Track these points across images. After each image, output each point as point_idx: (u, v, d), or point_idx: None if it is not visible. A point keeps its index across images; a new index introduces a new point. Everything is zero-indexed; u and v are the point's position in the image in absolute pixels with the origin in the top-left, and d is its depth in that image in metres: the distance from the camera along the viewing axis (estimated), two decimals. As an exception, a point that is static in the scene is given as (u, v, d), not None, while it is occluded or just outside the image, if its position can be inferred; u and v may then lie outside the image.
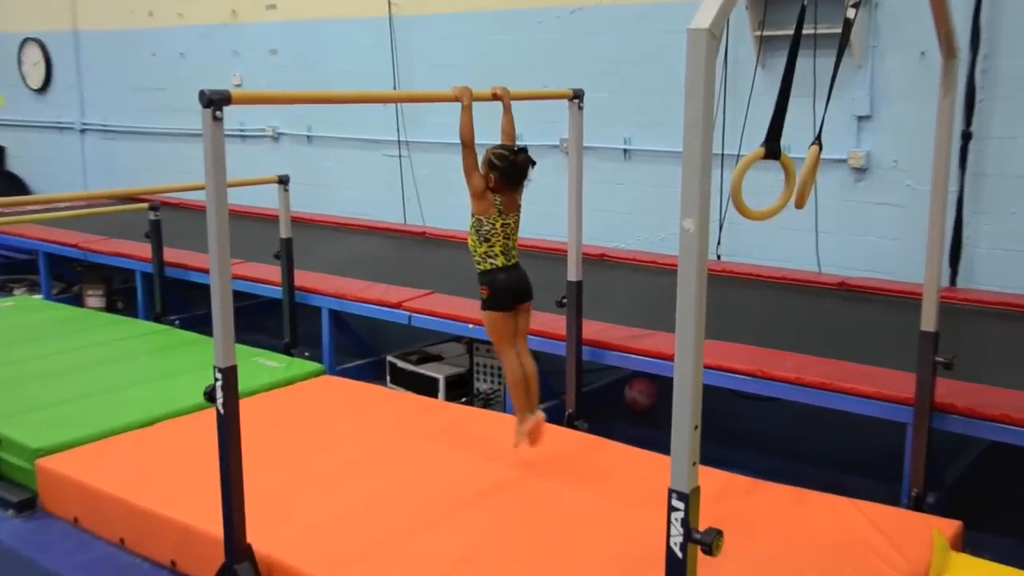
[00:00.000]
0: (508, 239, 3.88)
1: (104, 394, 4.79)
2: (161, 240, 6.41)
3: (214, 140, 2.93)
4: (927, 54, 5.51)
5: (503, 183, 3.82)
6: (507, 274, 3.88)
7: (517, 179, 3.86)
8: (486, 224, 3.84)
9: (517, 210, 3.94)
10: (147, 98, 9.97)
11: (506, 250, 3.87)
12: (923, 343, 3.69)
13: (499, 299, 3.88)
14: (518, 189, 3.91)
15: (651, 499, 2.90)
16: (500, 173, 3.80)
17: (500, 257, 3.86)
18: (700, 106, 2.08)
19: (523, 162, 3.84)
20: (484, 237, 3.86)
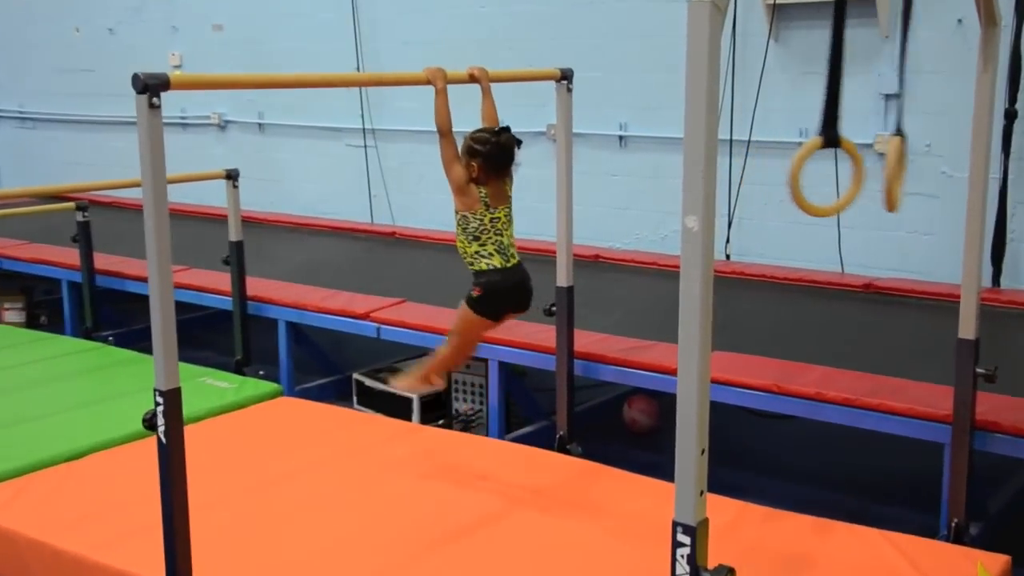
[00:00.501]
0: (501, 235, 3.91)
1: (25, 423, 4.77)
2: (91, 245, 6.39)
3: (151, 131, 2.93)
4: (964, 22, 5.56)
5: (488, 170, 3.85)
6: (505, 277, 3.91)
7: (503, 163, 3.89)
8: (473, 221, 3.87)
9: (507, 202, 3.96)
10: (71, 81, 9.95)
11: (501, 248, 3.91)
12: (961, 352, 3.70)
13: (489, 306, 3.91)
14: (505, 177, 3.94)
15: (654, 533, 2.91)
16: (483, 159, 3.83)
17: (496, 256, 3.89)
18: (703, 89, 2.09)
19: (507, 142, 3.87)
20: (473, 235, 3.89)
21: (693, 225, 2.14)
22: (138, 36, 9.35)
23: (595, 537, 3.63)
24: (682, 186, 2.15)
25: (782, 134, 6.26)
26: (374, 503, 3.96)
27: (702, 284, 2.16)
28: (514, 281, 3.94)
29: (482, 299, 3.90)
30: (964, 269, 3.71)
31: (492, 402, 5.01)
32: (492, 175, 3.87)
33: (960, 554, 3.43)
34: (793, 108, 6.21)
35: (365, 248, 7.35)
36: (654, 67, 6.62)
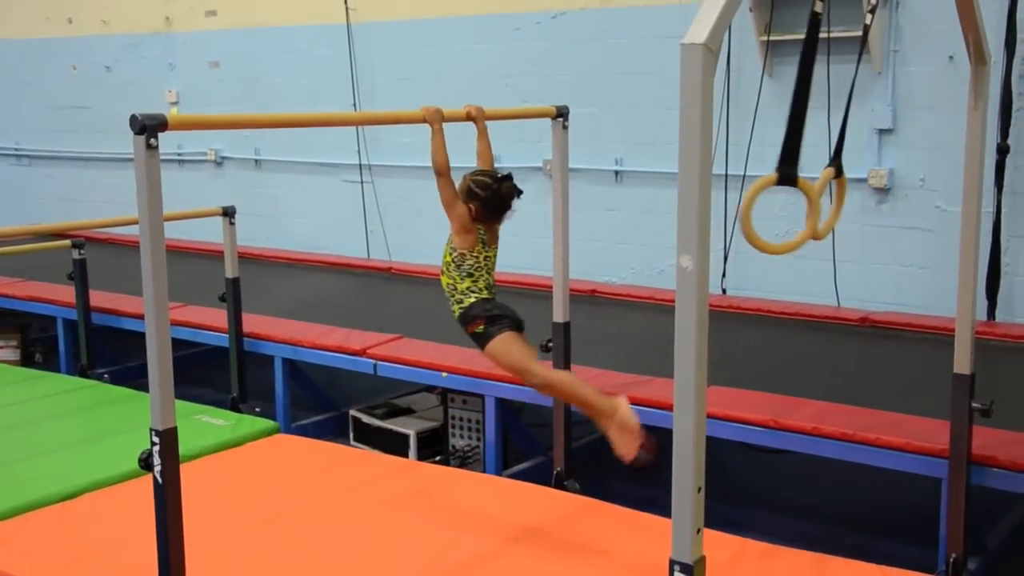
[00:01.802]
0: (490, 273, 3.96)
1: (19, 462, 4.75)
2: (87, 282, 6.39)
3: (148, 171, 2.95)
4: (956, 58, 5.60)
5: (485, 214, 3.89)
6: (495, 303, 3.93)
7: (501, 211, 3.93)
8: (469, 259, 3.90)
9: (497, 242, 4.01)
10: (67, 118, 9.97)
11: (489, 285, 3.95)
12: (957, 387, 3.71)
13: (501, 321, 3.89)
14: (500, 220, 3.97)
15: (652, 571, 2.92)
16: (482, 204, 3.87)
17: (485, 292, 3.93)
18: (696, 130, 2.11)
19: (508, 191, 3.91)
20: (467, 272, 3.91)
21: (688, 265, 2.15)
22: (135, 73, 9.38)
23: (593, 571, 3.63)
24: (677, 226, 2.17)
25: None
26: (371, 541, 3.95)
27: (697, 321, 2.17)
28: (503, 306, 3.97)
29: (490, 322, 3.89)
30: (959, 303, 3.72)
31: (489, 438, 5.01)
32: (488, 218, 3.91)
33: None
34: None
35: (362, 284, 7.36)
36: (649, 103, 6.67)
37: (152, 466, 3.10)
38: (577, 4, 6.93)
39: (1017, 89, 5.54)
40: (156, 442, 3.07)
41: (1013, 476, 3.77)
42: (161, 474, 3.09)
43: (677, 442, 2.22)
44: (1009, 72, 5.50)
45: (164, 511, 3.12)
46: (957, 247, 3.76)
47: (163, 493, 3.11)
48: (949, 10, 3.51)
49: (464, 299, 3.92)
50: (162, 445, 3.07)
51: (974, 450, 3.74)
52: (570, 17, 6.97)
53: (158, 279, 3.01)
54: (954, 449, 3.74)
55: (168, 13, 9.09)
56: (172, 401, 3.09)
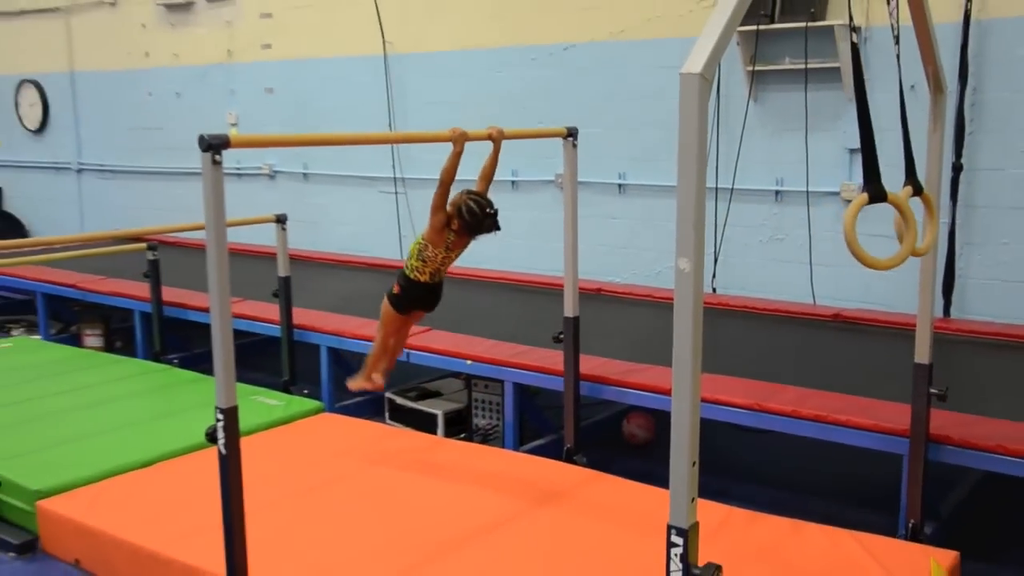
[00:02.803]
0: (441, 267, 4.14)
1: (104, 434, 4.80)
2: (159, 279, 6.43)
3: (214, 184, 2.97)
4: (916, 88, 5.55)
5: (463, 231, 4.05)
6: (423, 292, 4.16)
7: (476, 233, 4.08)
8: (429, 250, 4.08)
9: (462, 250, 4.17)
10: (143, 138, 10.01)
11: (434, 273, 4.13)
12: (917, 375, 3.71)
13: (401, 302, 4.22)
14: (472, 238, 4.12)
15: (650, 533, 2.92)
16: (464, 224, 4.03)
17: (426, 276, 4.12)
18: (693, 149, 2.12)
19: (488, 226, 4.07)
20: (423, 259, 4.10)
21: (685, 267, 2.15)
22: (201, 98, 9.40)
23: (598, 537, 3.63)
24: (676, 233, 2.17)
25: (760, 183, 6.27)
26: (404, 506, 3.97)
27: (693, 316, 2.17)
28: (426, 292, 4.18)
29: (398, 298, 4.21)
30: (919, 301, 3.73)
31: (507, 418, 5.01)
32: (465, 235, 4.07)
33: (916, 551, 3.44)
34: (770, 160, 6.23)
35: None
36: (649, 124, 6.65)
37: (217, 439, 3.12)
38: (585, 38, 6.92)
39: (969, 115, 5.50)
40: (220, 419, 3.09)
41: (964, 452, 3.76)
42: (224, 446, 3.11)
43: (675, 422, 2.22)
44: (962, 100, 5.48)
45: (227, 478, 3.14)
46: (919, 252, 3.76)
47: (226, 463, 3.13)
48: (911, 46, 3.51)
49: (410, 271, 4.14)
50: (225, 421, 3.09)
51: (931, 430, 3.75)
52: (579, 49, 6.97)
53: (222, 277, 3.03)
54: (914, 429, 3.75)
55: (230, 46, 9.11)
56: (234, 383, 3.11)
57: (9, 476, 4.26)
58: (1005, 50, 5.40)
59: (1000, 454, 3.68)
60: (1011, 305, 5.52)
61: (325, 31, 8.40)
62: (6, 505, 4.25)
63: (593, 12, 6.86)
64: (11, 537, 4.08)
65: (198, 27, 9.36)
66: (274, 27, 8.78)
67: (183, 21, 9.47)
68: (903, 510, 3.82)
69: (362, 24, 8.05)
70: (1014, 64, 5.38)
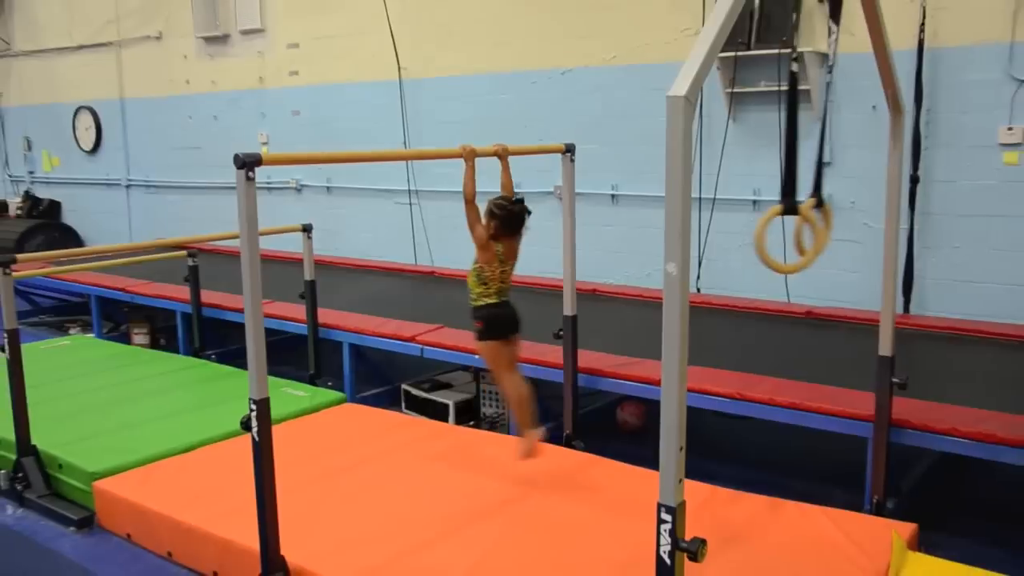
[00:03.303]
0: (503, 283, 3.94)
1: (151, 423, 4.80)
2: (198, 283, 6.42)
3: (247, 197, 2.97)
4: (878, 108, 5.57)
5: (502, 230, 3.88)
6: (498, 310, 3.93)
7: (515, 227, 3.91)
8: (487, 271, 3.89)
9: (515, 257, 3.98)
10: (184, 156, 10.03)
11: (500, 292, 3.93)
12: (880, 366, 3.71)
13: (492, 330, 3.93)
14: (517, 237, 3.95)
15: (642, 511, 2.91)
16: (499, 221, 3.86)
17: (494, 296, 3.92)
18: (679, 164, 2.11)
19: (520, 211, 3.90)
20: (482, 281, 3.91)
21: (672, 270, 2.15)
22: (235, 121, 9.42)
23: (594, 514, 3.63)
24: (664, 239, 2.16)
25: (739, 193, 6.27)
26: (419, 487, 3.96)
27: (680, 315, 2.17)
28: (504, 312, 3.96)
29: (485, 328, 3.94)
30: (882, 299, 3.73)
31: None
32: (505, 235, 3.89)
33: (880, 524, 3.44)
34: (748, 173, 6.23)
35: (410, 284, 7.37)
36: (639, 141, 6.65)
37: (250, 427, 3.12)
38: (582, 63, 6.92)
39: (924, 133, 5.50)
40: (253, 408, 3.09)
41: (922, 435, 3.77)
42: (258, 433, 3.11)
43: (664, 410, 2.22)
44: (918, 119, 5.47)
45: (260, 462, 3.14)
46: (881, 255, 3.77)
47: (259, 448, 3.13)
48: (872, 70, 3.51)
49: (476, 299, 3.93)
50: (258, 411, 3.09)
51: (893, 416, 3.75)
52: (576, 73, 6.96)
53: (254, 281, 3.03)
54: (878, 415, 3.75)
55: (261, 74, 9.12)
56: (265, 377, 3.11)
57: (69, 459, 4.28)
58: (954, 75, 5.40)
59: (954, 436, 3.69)
60: (964, 302, 5.52)
61: (346, 59, 8.41)
62: (66, 485, 4.27)
63: (588, 40, 6.86)
64: (71, 513, 4.11)
65: (233, 57, 9.37)
66: (300, 56, 8.79)
67: (220, 52, 9.49)
68: (868, 487, 3.83)
69: (379, 52, 8.06)
70: (962, 88, 5.39)
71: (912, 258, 5.61)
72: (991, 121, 5.32)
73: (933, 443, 3.78)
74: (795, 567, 3.12)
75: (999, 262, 5.41)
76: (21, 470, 4.36)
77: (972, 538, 3.93)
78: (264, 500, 3.16)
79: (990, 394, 4.07)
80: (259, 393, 3.08)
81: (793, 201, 2.66)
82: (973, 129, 5.39)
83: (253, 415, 3.10)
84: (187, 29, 9.66)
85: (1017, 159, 5.29)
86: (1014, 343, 4.96)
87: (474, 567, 3.20)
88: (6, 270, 4.32)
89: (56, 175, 11.76)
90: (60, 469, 4.31)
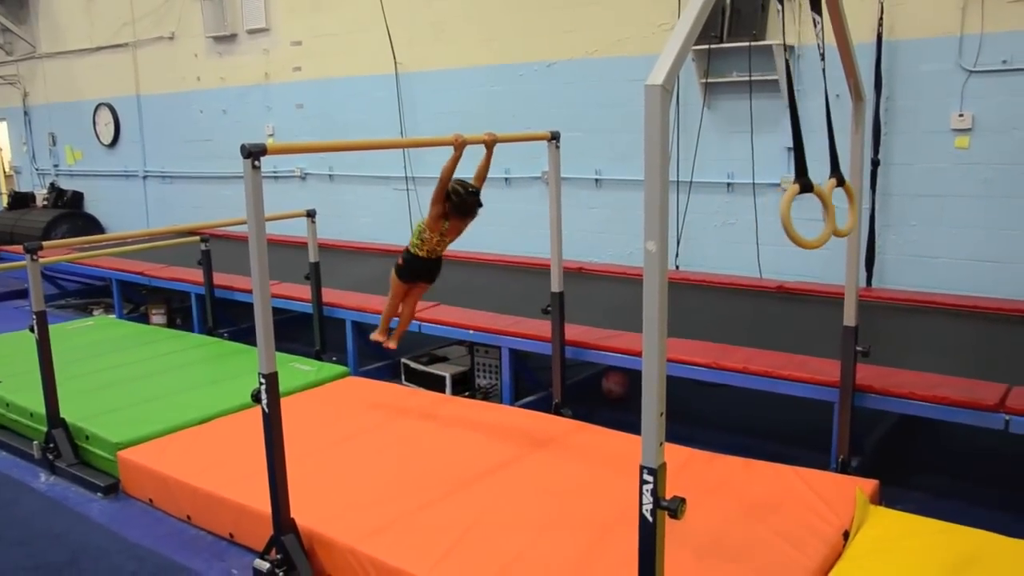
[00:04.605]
0: (436, 248, 4.11)
1: (169, 396, 4.80)
2: (211, 266, 6.40)
3: (254, 185, 2.94)
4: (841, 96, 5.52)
5: (453, 213, 3.98)
6: (418, 263, 4.14)
7: (464, 213, 4.00)
8: (427, 234, 4.05)
9: (458, 235, 4.12)
10: (196, 148, 9.96)
11: (430, 252, 4.12)
12: (845, 335, 3.71)
13: (405, 272, 4.21)
14: (466, 221, 4.05)
15: (626, 472, 2.91)
16: (453, 206, 3.96)
17: (424, 252, 4.11)
18: (657, 150, 2.09)
19: (471, 203, 3.99)
20: (420, 238, 4.09)
21: (652, 248, 2.13)
22: (243, 114, 9.34)
23: (581, 475, 3.64)
24: (644, 219, 2.14)
25: (714, 176, 6.24)
26: (419, 452, 3.97)
27: (659, 289, 2.15)
28: (422, 266, 4.16)
29: (401, 268, 4.20)
30: (846, 274, 3.72)
31: (504, 378, 5.00)
32: (455, 217, 3.99)
33: (845, 481, 3.45)
34: (722, 158, 6.20)
35: (410, 265, 7.32)
36: (620, 128, 6.61)
37: (260, 399, 3.11)
38: (566, 56, 6.87)
39: (884, 119, 5.47)
40: (263, 382, 3.08)
41: (884, 399, 3.77)
42: (267, 405, 3.10)
43: (645, 379, 2.20)
44: (878, 107, 5.45)
45: (270, 432, 3.14)
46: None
47: (269, 419, 3.12)
48: (836, 61, 3.48)
49: (410, 247, 4.14)
50: (267, 384, 3.08)
51: (857, 381, 3.76)
52: (561, 65, 6.91)
53: (262, 263, 3.01)
54: (843, 381, 3.75)
55: (267, 70, 9.04)
56: (273, 353, 3.10)
57: (95, 431, 4.28)
58: (910, 66, 5.38)
59: (912, 399, 3.69)
60: (920, 276, 5.52)
61: (346, 55, 8.33)
62: (93, 455, 4.28)
63: (571, 34, 6.80)
64: (98, 480, 4.13)
65: (240, 55, 9.28)
66: (303, 53, 8.71)
67: (228, 50, 9.40)
68: (834, 447, 3.83)
69: (376, 48, 7.98)
70: (917, 78, 5.37)
71: (873, 236, 5.60)
72: (943, 108, 5.30)
73: (893, 406, 3.78)
74: (768, 522, 3.13)
75: (952, 239, 5.41)
76: (52, 441, 4.37)
77: (927, 492, 3.95)
78: (274, 467, 3.15)
79: (944, 360, 4.07)
80: (268, 368, 3.07)
81: (807, 180, 2.64)
82: (927, 116, 5.37)
83: (263, 388, 3.09)
84: (198, 29, 9.58)
85: (967, 143, 5.28)
86: (966, 313, 4.96)
87: (471, 525, 3.20)
88: (33, 256, 4.31)
89: (79, 168, 11.69)
90: (87, 440, 4.31)
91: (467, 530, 3.17)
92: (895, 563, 2.85)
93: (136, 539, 3.63)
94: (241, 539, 3.51)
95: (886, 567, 2.84)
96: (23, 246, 4.38)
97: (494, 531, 3.17)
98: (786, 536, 3.03)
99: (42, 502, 4.06)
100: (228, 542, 3.55)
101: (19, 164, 12.82)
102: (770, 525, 3.11)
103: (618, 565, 2.79)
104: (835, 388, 3.79)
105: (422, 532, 3.17)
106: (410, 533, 3.17)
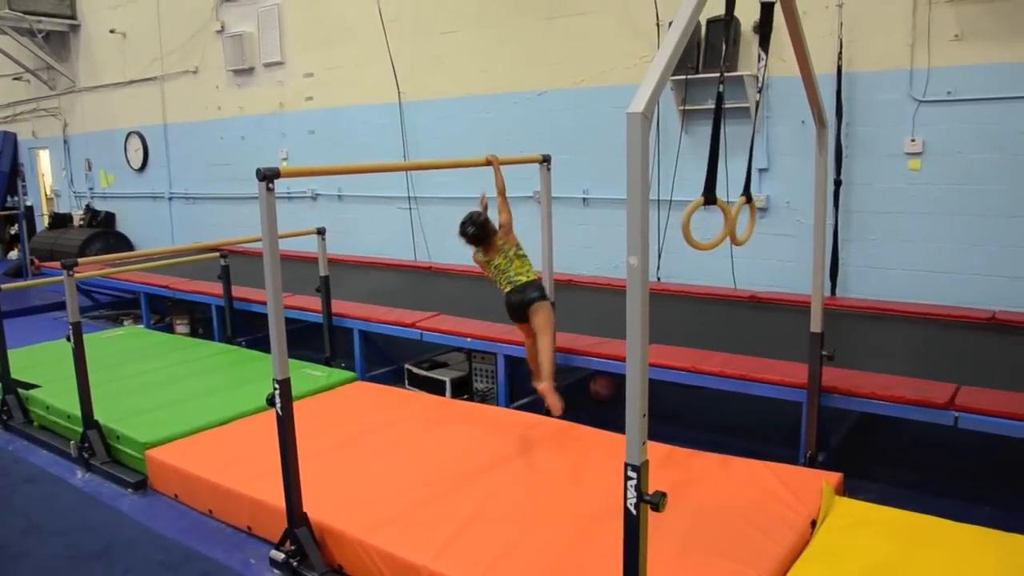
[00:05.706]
0: (504, 274, 4.06)
1: (192, 400, 4.78)
2: (230, 280, 6.39)
3: (268, 205, 2.94)
4: (806, 122, 5.57)
5: (476, 243, 4.15)
6: (506, 303, 4.14)
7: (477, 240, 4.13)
8: (486, 272, 4.11)
9: (499, 253, 4.10)
10: (216, 171, 9.96)
11: (509, 281, 4.09)
12: (812, 341, 3.71)
13: (509, 315, 4.18)
14: (482, 244, 4.13)
15: (612, 469, 2.91)
16: (471, 239, 4.13)
17: (507, 287, 4.10)
18: (638, 172, 2.09)
19: (479, 224, 4.11)
20: (491, 280, 4.15)
21: (634, 262, 2.13)
22: (260, 140, 9.34)
23: (571, 471, 3.62)
24: (627, 235, 2.14)
25: (692, 195, 6.11)
26: (422, 451, 3.95)
27: (641, 300, 2.15)
28: (510, 302, 4.12)
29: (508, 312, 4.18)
30: (813, 284, 3.72)
31: (500, 382, 4.99)
32: (482, 244, 4.12)
33: (812, 475, 3.45)
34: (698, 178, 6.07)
35: (410, 278, 7.32)
36: (606, 151, 6.61)
37: (275, 403, 3.10)
38: (556, 85, 6.88)
39: (845, 143, 5.48)
40: (276, 387, 3.07)
41: (847, 399, 3.77)
42: (281, 409, 3.09)
43: (629, 383, 2.20)
44: (840, 132, 5.46)
45: (284, 433, 3.12)
46: (811, 247, 3.76)
47: (282, 422, 3.11)
48: (801, 91, 3.49)
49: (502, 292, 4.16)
50: (281, 389, 3.07)
51: (823, 383, 3.76)
52: (551, 94, 6.93)
53: (275, 277, 3.01)
54: (810, 383, 3.75)
55: (281, 100, 9.05)
56: (287, 360, 3.09)
57: (125, 431, 4.28)
58: (867, 95, 5.41)
59: (872, 399, 3.69)
60: (879, 285, 5.53)
61: (353, 85, 8.34)
62: (124, 453, 4.28)
63: (560, 66, 6.82)
64: (128, 477, 4.13)
65: (257, 86, 9.29)
66: (315, 84, 8.72)
67: (246, 82, 9.41)
68: (802, 444, 3.83)
69: (381, 79, 8.00)
70: (873, 107, 5.40)
71: (837, 249, 5.61)
72: (898, 134, 5.33)
73: (855, 405, 3.78)
74: (742, 512, 3.13)
75: (907, 252, 5.42)
76: (87, 441, 4.37)
77: (885, 483, 3.95)
78: (288, 465, 3.14)
79: (901, 363, 4.07)
80: (282, 374, 3.05)
81: (712, 195, 2.71)
82: (884, 141, 5.39)
83: (277, 393, 3.08)
84: (219, 64, 9.60)
85: (919, 165, 5.31)
86: (919, 319, 4.97)
87: (470, 518, 3.19)
88: (70, 272, 4.32)
89: (111, 191, 11.72)
90: (118, 440, 4.29)
91: (466, 522, 3.15)
92: (857, 548, 2.86)
93: (163, 531, 3.62)
94: (258, 531, 3.49)
95: (849, 552, 2.84)
96: (60, 263, 4.40)
97: (491, 523, 3.16)
98: (758, 525, 3.02)
99: (78, 496, 4.07)
100: (246, 534, 3.53)
101: (59, 188, 12.89)
102: (744, 516, 3.10)
103: (605, 554, 2.78)
104: (803, 389, 3.79)
105: (425, 524, 3.16)
106: (414, 525, 3.16)
